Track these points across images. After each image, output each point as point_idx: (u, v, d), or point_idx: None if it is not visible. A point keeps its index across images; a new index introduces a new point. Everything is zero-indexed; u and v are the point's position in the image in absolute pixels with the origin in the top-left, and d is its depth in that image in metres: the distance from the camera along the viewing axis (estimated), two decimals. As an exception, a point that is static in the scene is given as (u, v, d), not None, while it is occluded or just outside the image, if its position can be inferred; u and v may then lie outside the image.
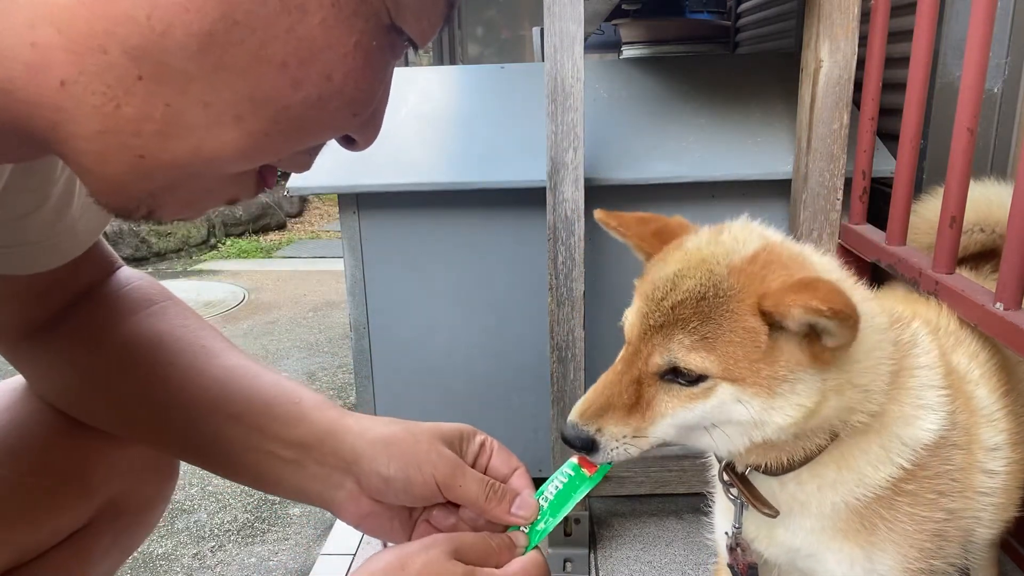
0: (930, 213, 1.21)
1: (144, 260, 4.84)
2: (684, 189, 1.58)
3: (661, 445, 0.75)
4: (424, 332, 1.74)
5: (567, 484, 0.71)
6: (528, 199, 1.59)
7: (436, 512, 0.71)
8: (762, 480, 0.83)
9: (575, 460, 0.74)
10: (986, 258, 1.18)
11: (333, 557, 1.71)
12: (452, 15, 0.46)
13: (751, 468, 0.82)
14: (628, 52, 3.28)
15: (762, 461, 0.79)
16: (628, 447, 0.72)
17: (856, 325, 0.66)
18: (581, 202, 1.37)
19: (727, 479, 0.86)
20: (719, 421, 0.72)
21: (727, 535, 0.90)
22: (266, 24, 0.38)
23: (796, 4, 2.26)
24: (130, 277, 0.80)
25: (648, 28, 3.20)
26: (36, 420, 0.76)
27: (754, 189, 1.59)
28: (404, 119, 1.73)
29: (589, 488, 0.72)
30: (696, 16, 3.47)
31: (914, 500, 0.81)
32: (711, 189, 1.61)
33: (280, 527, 1.89)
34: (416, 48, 0.46)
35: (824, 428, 0.76)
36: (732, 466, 0.84)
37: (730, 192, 1.61)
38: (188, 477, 2.11)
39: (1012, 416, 0.90)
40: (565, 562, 1.58)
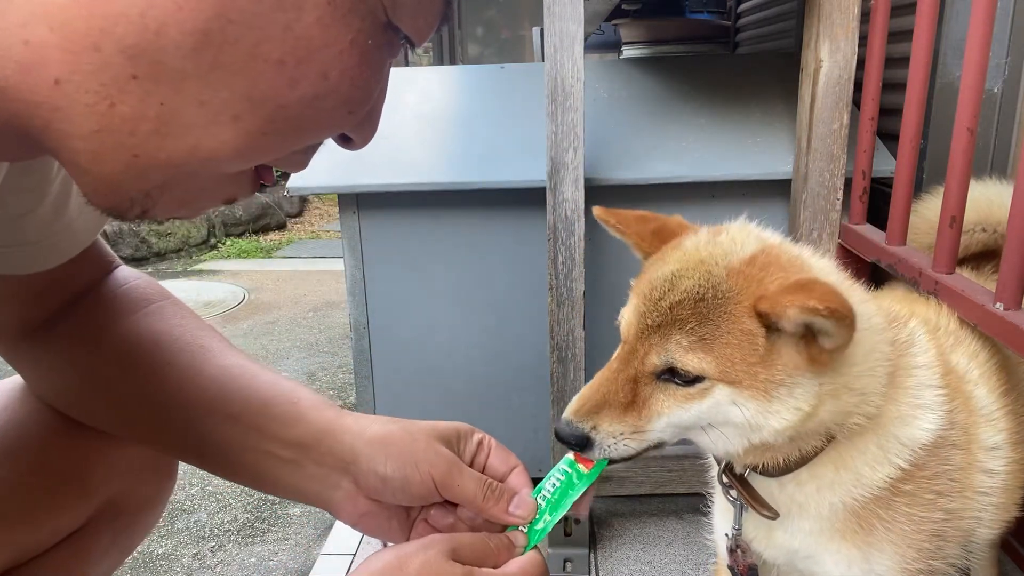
0: (930, 213, 1.20)
1: (144, 260, 4.84)
2: (684, 189, 1.58)
3: (656, 446, 0.74)
4: (424, 332, 1.74)
5: (564, 482, 0.71)
6: (528, 199, 1.59)
7: (434, 511, 0.70)
8: (761, 482, 0.83)
9: (571, 456, 0.73)
10: (987, 258, 1.18)
11: (333, 557, 1.71)
12: (449, 13, 0.45)
13: (750, 469, 0.82)
14: (628, 52, 3.28)
15: (759, 462, 0.79)
16: (623, 445, 0.72)
17: (853, 325, 0.65)
18: (581, 202, 1.37)
19: (726, 481, 0.86)
20: (715, 422, 0.72)
21: (727, 537, 0.90)
22: (261, 22, 0.38)
23: (796, 4, 2.26)
24: (128, 276, 0.80)
25: (648, 28, 3.20)
26: (34, 420, 0.76)
27: (754, 189, 1.59)
28: (404, 119, 1.73)
29: (587, 485, 0.71)
30: (696, 16, 3.47)
31: (912, 500, 0.80)
32: (711, 189, 1.61)
33: (280, 527, 1.89)
34: (413, 46, 0.45)
35: (820, 431, 0.76)
36: (731, 467, 0.84)
37: (730, 192, 1.61)
38: (188, 477, 2.11)
39: (1012, 415, 0.90)
40: (565, 562, 1.58)
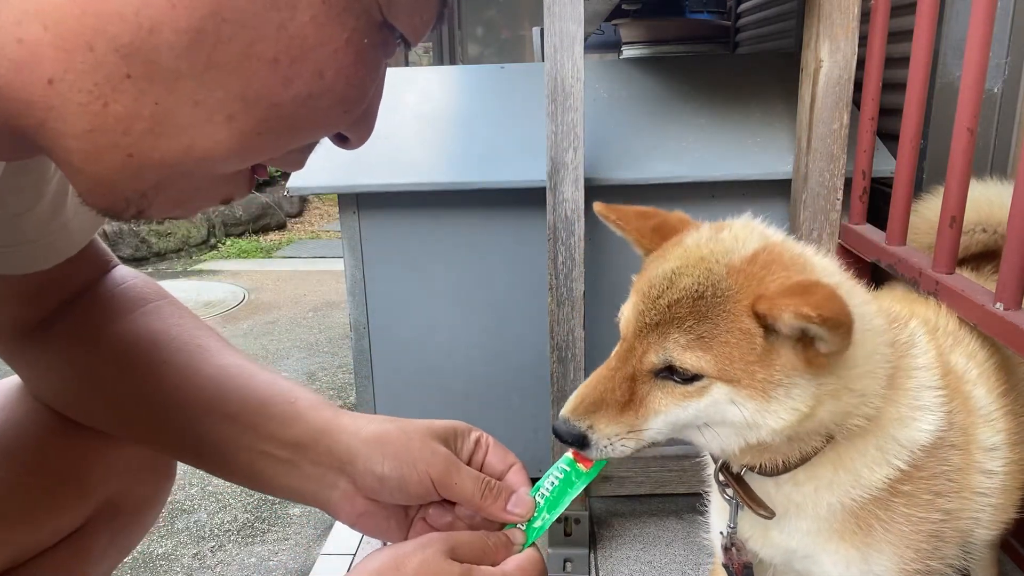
0: (930, 213, 1.20)
1: (144, 260, 4.84)
2: (684, 189, 1.58)
3: (652, 445, 0.74)
4: (424, 332, 1.74)
5: (563, 480, 0.71)
6: (528, 199, 1.59)
7: (432, 510, 0.70)
8: (757, 481, 0.83)
9: (570, 455, 0.73)
10: (987, 258, 1.18)
11: (333, 557, 1.71)
12: (445, 12, 0.45)
13: (747, 468, 0.82)
14: (628, 52, 3.28)
15: (757, 462, 0.79)
16: (620, 445, 0.71)
17: (849, 333, 0.64)
18: (581, 202, 1.37)
19: (723, 479, 0.86)
20: (712, 421, 0.72)
21: (722, 535, 0.90)
22: (256, 21, 0.38)
23: (796, 4, 2.26)
24: (125, 276, 0.79)
25: (648, 28, 3.20)
26: (32, 420, 0.76)
27: (754, 189, 1.59)
28: (404, 119, 1.73)
29: (585, 483, 0.71)
30: (696, 16, 3.47)
31: (910, 501, 0.80)
32: (711, 189, 1.61)
33: (280, 527, 1.89)
34: (408, 46, 0.45)
35: (819, 431, 0.75)
36: (728, 466, 0.84)
37: (730, 192, 1.61)
38: (188, 477, 2.11)
39: (1011, 416, 0.90)
40: (565, 562, 1.58)
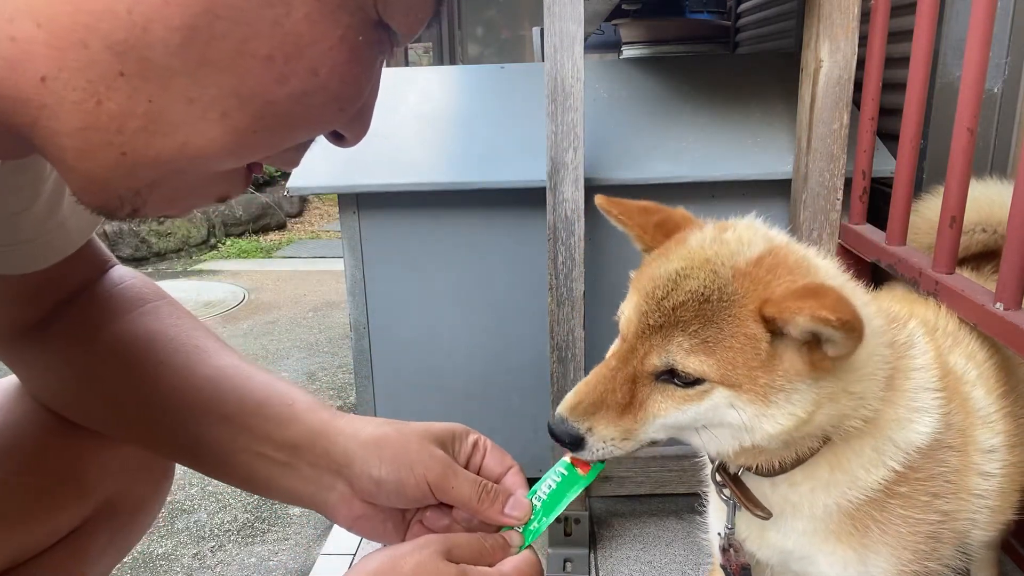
0: (930, 213, 1.20)
1: (144, 260, 4.84)
2: (684, 189, 1.57)
3: (651, 444, 0.74)
4: (424, 332, 1.74)
5: (560, 483, 0.71)
6: (528, 199, 1.59)
7: (430, 513, 0.70)
8: (755, 481, 0.83)
9: (568, 459, 0.73)
10: (988, 258, 1.18)
11: (333, 557, 1.71)
12: (440, 11, 0.45)
13: (744, 469, 0.82)
14: (628, 52, 3.28)
15: (753, 463, 0.79)
16: (616, 447, 0.71)
17: (861, 336, 0.64)
18: (581, 202, 1.37)
19: (720, 479, 0.85)
20: (710, 424, 0.71)
21: (719, 535, 0.90)
22: (250, 18, 0.38)
23: (796, 4, 2.26)
24: (123, 276, 0.79)
25: (648, 28, 3.20)
26: (30, 420, 0.76)
27: (754, 189, 1.59)
28: (404, 119, 1.73)
29: (583, 487, 0.71)
30: (696, 16, 3.47)
31: (907, 502, 0.80)
32: (711, 189, 1.61)
33: (280, 527, 1.89)
34: (402, 43, 0.45)
35: (816, 434, 0.75)
36: (725, 467, 0.84)
37: (730, 192, 1.61)
38: (188, 477, 2.11)
39: (1010, 418, 0.89)
40: (565, 562, 1.58)
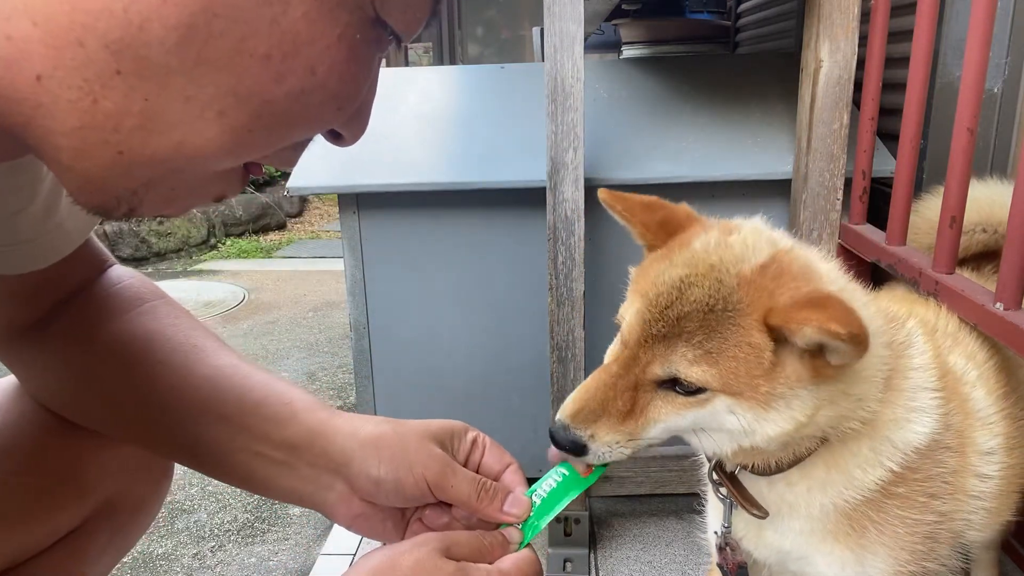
0: (930, 213, 1.20)
1: (144, 260, 4.84)
2: (684, 189, 1.57)
3: (651, 446, 0.74)
4: (424, 332, 1.74)
5: (561, 483, 0.71)
6: (528, 199, 1.59)
7: (429, 512, 0.70)
8: (751, 480, 0.83)
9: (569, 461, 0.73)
10: (988, 258, 1.18)
11: (333, 557, 1.71)
12: (439, 10, 0.45)
13: (741, 468, 0.82)
14: (628, 52, 3.28)
15: (750, 462, 0.79)
16: (618, 452, 0.71)
17: (867, 347, 0.63)
18: (581, 202, 1.37)
19: (716, 478, 0.85)
20: (709, 427, 0.71)
21: (716, 535, 0.90)
22: (247, 17, 0.38)
23: (796, 4, 2.26)
24: (121, 275, 0.79)
25: (648, 28, 3.20)
26: (29, 420, 0.76)
27: (754, 189, 1.59)
28: (404, 119, 1.73)
29: (583, 488, 0.71)
30: (696, 16, 3.47)
31: (904, 503, 0.79)
32: (711, 189, 1.61)
33: (280, 527, 1.89)
34: (399, 42, 0.45)
35: (814, 435, 0.75)
36: (722, 465, 0.84)
37: (730, 192, 1.61)
38: (188, 477, 2.11)
39: (1009, 419, 0.89)
40: (565, 562, 1.58)
